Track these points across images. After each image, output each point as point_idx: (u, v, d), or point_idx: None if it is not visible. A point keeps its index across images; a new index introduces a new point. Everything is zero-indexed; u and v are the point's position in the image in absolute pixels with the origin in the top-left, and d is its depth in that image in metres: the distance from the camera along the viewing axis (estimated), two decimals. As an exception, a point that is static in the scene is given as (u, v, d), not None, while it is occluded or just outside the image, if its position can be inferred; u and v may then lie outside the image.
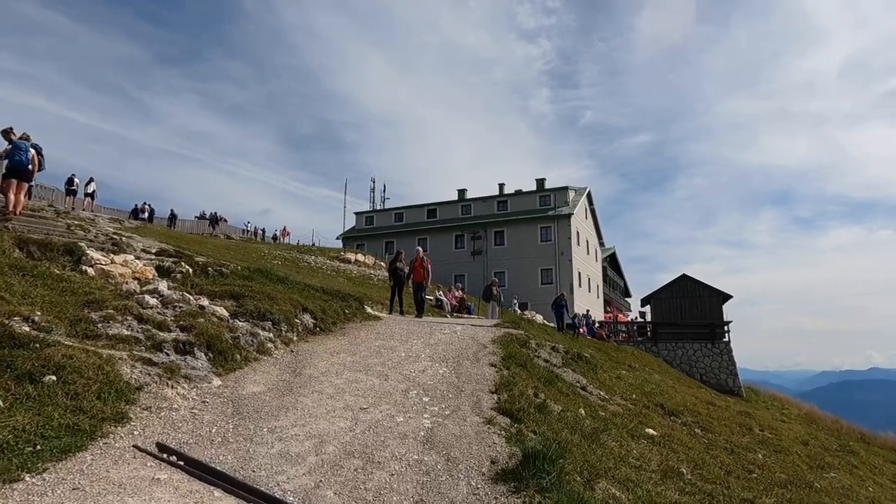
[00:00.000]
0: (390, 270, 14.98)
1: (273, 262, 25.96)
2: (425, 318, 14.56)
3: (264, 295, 9.25)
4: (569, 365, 10.77)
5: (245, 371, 6.52)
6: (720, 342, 31.31)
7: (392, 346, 8.72)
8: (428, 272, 14.93)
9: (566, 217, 46.78)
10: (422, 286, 14.69)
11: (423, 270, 14.78)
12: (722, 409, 11.97)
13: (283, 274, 15.12)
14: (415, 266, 14.74)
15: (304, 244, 44.75)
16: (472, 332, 11.30)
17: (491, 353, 8.51)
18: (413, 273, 14.76)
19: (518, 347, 10.25)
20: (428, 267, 14.99)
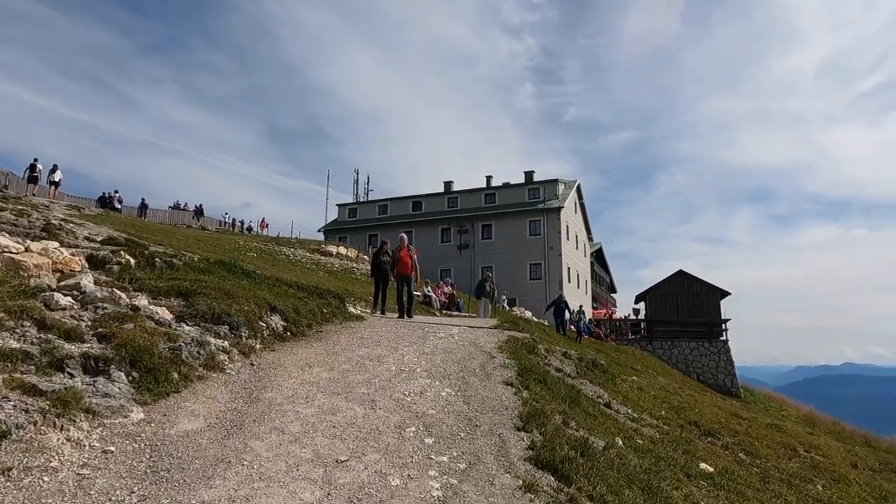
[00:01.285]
0: (374, 265, 12.81)
1: (247, 255, 24.10)
2: (415, 319, 12.89)
3: (222, 292, 7.52)
4: (584, 375, 9.22)
5: (182, 396, 4.83)
6: (718, 341, 30.13)
7: (379, 356, 7.07)
8: (415, 264, 12.58)
9: (556, 211, 45.33)
10: (408, 280, 12.28)
11: (410, 261, 12.46)
12: (752, 424, 10.53)
13: (252, 267, 13.36)
14: (399, 256, 12.37)
15: (283, 236, 42.76)
16: (472, 335, 9.69)
17: (501, 365, 6.89)
18: (397, 265, 12.44)
19: (527, 355, 8.66)
20: (415, 257, 12.61)
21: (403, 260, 12.35)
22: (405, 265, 12.40)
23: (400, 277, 12.39)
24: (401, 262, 12.36)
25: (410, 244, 12.88)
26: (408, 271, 12.35)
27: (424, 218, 49.49)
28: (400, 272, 12.40)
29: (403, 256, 12.36)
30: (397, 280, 12.39)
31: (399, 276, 12.42)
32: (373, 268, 12.92)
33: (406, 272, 12.36)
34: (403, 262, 12.40)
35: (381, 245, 13.18)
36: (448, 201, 50.75)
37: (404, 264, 12.41)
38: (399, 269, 12.42)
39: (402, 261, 12.37)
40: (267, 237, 39.03)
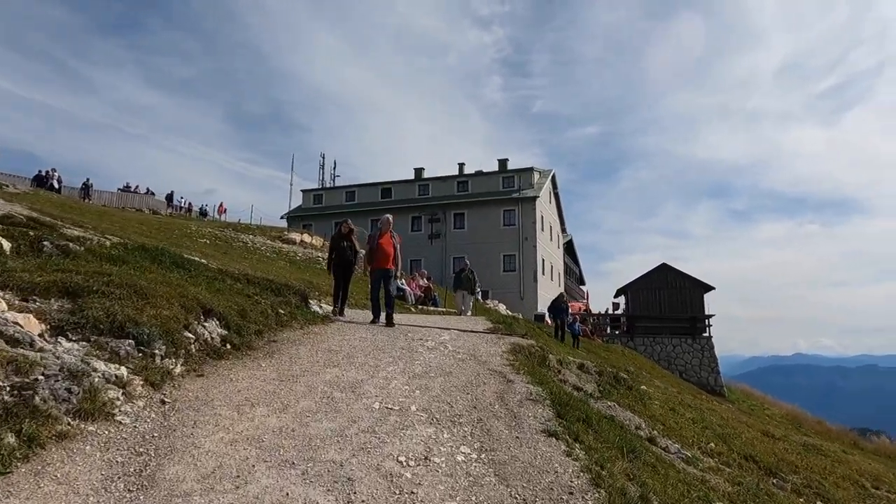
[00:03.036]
0: (332, 253, 10.02)
1: (198, 241, 21.59)
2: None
3: (131, 290, 5.34)
4: (610, 394, 7.37)
5: (19, 479, 2.70)
6: (701, 337, 28.95)
7: (354, 383, 5.03)
8: (398, 255, 9.65)
9: (531, 200, 43.66)
10: (388, 276, 9.41)
11: (394, 252, 9.56)
12: (789, 445, 8.89)
13: (197, 256, 11.08)
14: (378, 244, 9.43)
15: (243, 223, 39.94)
16: (469, 344, 7.71)
17: (527, 396, 4.91)
18: (376, 255, 9.45)
19: (543, 371, 6.75)
20: (398, 247, 9.72)
21: (384, 249, 9.38)
22: (385, 256, 9.42)
23: (378, 272, 9.46)
24: (380, 251, 9.40)
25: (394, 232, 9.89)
26: (388, 265, 9.44)
27: (394, 205, 47.13)
28: (378, 265, 9.46)
29: (384, 244, 9.40)
30: (373, 276, 9.51)
31: (377, 271, 9.48)
32: (330, 256, 10.15)
33: (386, 266, 9.43)
34: (384, 251, 9.41)
35: (342, 227, 10.30)
36: (419, 188, 48.56)
37: (384, 255, 9.41)
38: (377, 260, 9.47)
39: (382, 250, 9.40)
40: (225, 223, 36.24)
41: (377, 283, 9.53)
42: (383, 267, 9.46)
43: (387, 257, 9.47)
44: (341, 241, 10.06)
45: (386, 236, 9.58)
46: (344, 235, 10.12)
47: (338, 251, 10.00)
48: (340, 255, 9.93)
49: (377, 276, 9.53)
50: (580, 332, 18.20)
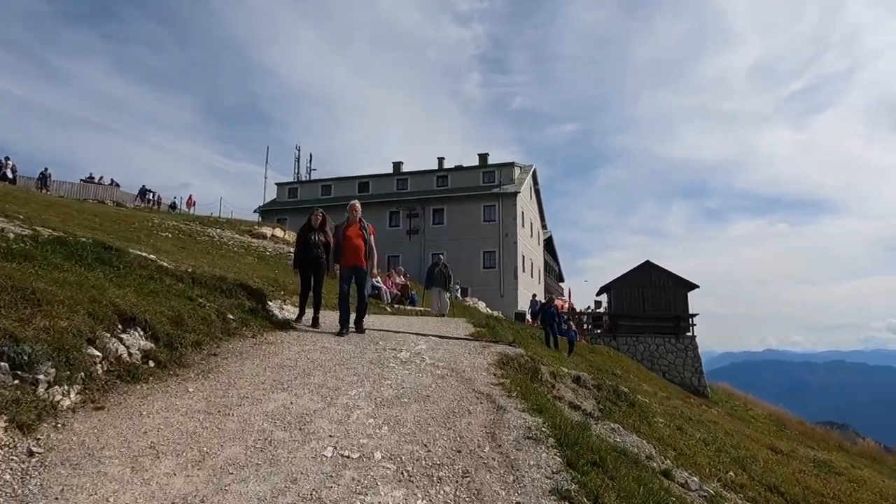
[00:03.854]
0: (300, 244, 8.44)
1: (159, 235, 20.15)
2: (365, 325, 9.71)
3: (18, 295, 4.16)
4: (611, 413, 6.39)
5: None
6: (685, 337, 28.32)
7: (303, 415, 3.93)
8: (371, 249, 8.14)
9: (512, 195, 42.75)
10: (359, 274, 7.91)
11: (365, 245, 7.99)
12: (801, 464, 8.03)
13: (135, 251, 9.82)
14: (345, 236, 7.93)
15: (216, 216, 38.28)
16: (449, 355, 6.65)
17: (524, 434, 3.83)
18: (343, 250, 7.91)
19: (536, 388, 5.73)
20: (371, 239, 8.19)
21: (352, 242, 7.84)
22: (354, 251, 7.84)
23: (347, 271, 7.94)
24: (347, 245, 7.83)
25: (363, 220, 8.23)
26: (359, 261, 7.88)
27: (372, 200, 45.85)
28: (346, 262, 7.90)
29: (352, 237, 7.87)
30: (341, 275, 7.99)
31: (344, 270, 7.96)
32: (297, 251, 8.55)
33: (356, 262, 7.88)
34: (352, 245, 7.84)
35: (312, 217, 8.53)
36: (397, 183, 47.35)
37: (353, 249, 7.84)
38: (345, 256, 7.88)
39: (351, 243, 7.84)
40: (192, 216, 34.60)
41: (346, 282, 7.90)
42: (352, 264, 7.90)
43: (356, 252, 7.88)
44: (310, 234, 8.32)
45: (354, 227, 8.02)
46: (314, 226, 8.42)
47: (305, 245, 8.29)
48: (309, 251, 8.25)
49: (345, 275, 7.95)
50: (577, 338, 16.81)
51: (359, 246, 7.92)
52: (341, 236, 7.98)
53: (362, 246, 7.96)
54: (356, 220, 8.09)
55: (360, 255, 7.91)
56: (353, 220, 8.06)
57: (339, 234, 8.02)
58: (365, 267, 7.99)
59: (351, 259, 7.92)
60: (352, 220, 8.06)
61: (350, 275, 7.98)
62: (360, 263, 7.96)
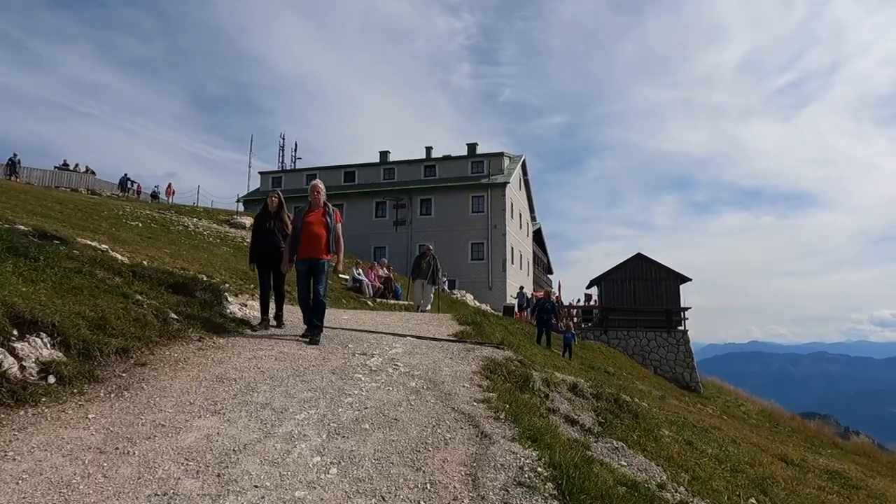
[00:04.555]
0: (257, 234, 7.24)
1: (129, 224, 19.08)
2: (337, 317, 8.77)
3: None
4: (612, 428, 5.56)
5: None
6: (676, 331, 27.70)
7: (227, 455, 3.01)
8: (337, 237, 6.78)
9: (501, 186, 41.88)
10: (317, 269, 6.62)
11: (327, 231, 6.68)
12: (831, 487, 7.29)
13: (96, 243, 8.84)
14: (306, 223, 6.71)
15: (191, 205, 37.02)
16: (427, 361, 5.78)
17: (515, 477, 2.98)
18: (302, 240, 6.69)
19: (527, 399, 4.88)
20: (337, 227, 6.82)
21: (312, 231, 6.59)
22: (314, 240, 6.59)
23: (304, 265, 6.67)
24: (307, 234, 6.59)
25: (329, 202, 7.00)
26: (317, 253, 6.59)
27: (358, 190, 44.84)
28: (303, 254, 6.65)
29: (314, 224, 6.62)
30: (299, 269, 6.74)
31: (301, 263, 6.70)
32: (253, 243, 7.28)
33: (313, 254, 6.60)
34: (312, 234, 6.59)
35: (267, 201, 7.41)
36: (384, 172, 46.26)
37: (312, 239, 6.59)
38: (303, 247, 6.63)
39: (311, 232, 6.60)
40: (169, 205, 33.37)
41: (304, 279, 6.68)
42: (308, 256, 6.60)
43: (315, 242, 6.57)
44: (267, 222, 7.14)
45: (316, 212, 6.69)
46: (271, 213, 7.22)
47: (262, 235, 7.11)
48: (266, 242, 7.06)
49: (302, 270, 6.67)
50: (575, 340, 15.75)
51: (319, 235, 6.62)
52: (300, 223, 6.68)
53: (324, 235, 6.63)
54: (319, 204, 6.78)
55: (319, 245, 6.62)
56: (315, 205, 6.75)
57: (298, 221, 6.72)
58: (324, 259, 6.64)
59: (308, 250, 6.62)
60: (314, 205, 6.75)
61: (306, 269, 6.67)
62: (319, 255, 6.63)
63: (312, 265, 6.65)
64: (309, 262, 6.67)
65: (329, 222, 6.71)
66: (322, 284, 6.60)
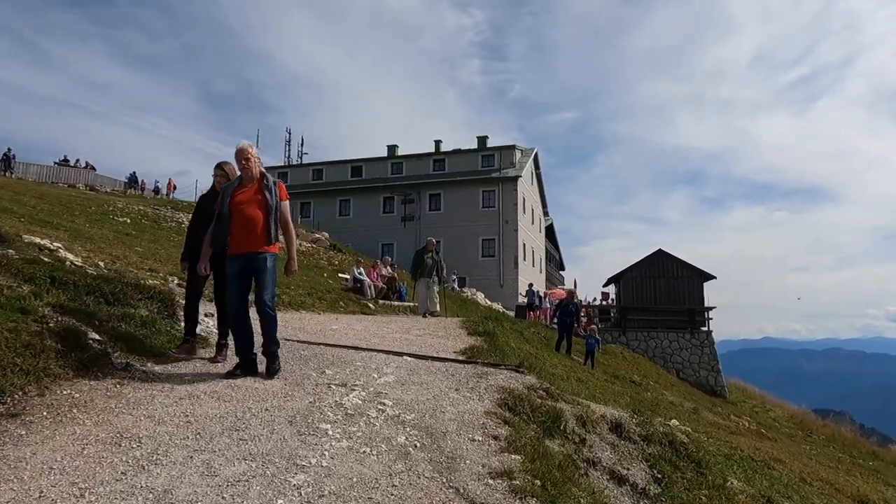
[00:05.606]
0: (195, 227, 5.29)
1: (116, 220, 17.85)
2: (307, 349, 7.35)
3: None
4: (673, 487, 4.15)
5: None
6: (700, 332, 26.10)
7: None
8: (283, 218, 4.69)
9: (512, 180, 40.36)
10: (257, 267, 4.56)
11: (266, 213, 4.55)
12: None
13: (28, 238, 7.53)
14: (234, 204, 4.57)
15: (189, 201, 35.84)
16: (426, 397, 4.37)
17: None
18: (232, 224, 4.59)
19: (556, 449, 3.46)
20: (283, 206, 4.72)
21: (245, 213, 4.55)
22: (251, 226, 4.55)
23: (235, 263, 4.62)
24: (238, 217, 4.56)
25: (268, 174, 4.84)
26: (255, 245, 4.55)
27: (365, 185, 43.52)
28: (235, 248, 4.61)
29: (244, 204, 4.56)
30: (230, 271, 4.64)
31: (232, 261, 4.63)
32: (189, 234, 5.36)
33: (253, 246, 4.56)
34: (244, 218, 4.55)
35: (216, 178, 5.23)
36: (392, 167, 44.90)
37: (246, 225, 4.56)
38: (234, 238, 4.60)
39: (242, 214, 4.55)
40: (166, 200, 32.21)
41: (235, 284, 4.61)
42: (243, 251, 4.54)
43: (252, 228, 4.52)
44: (213, 205, 4.86)
45: (249, 189, 4.60)
46: (216, 196, 4.98)
47: (205, 224, 4.94)
48: (193, 236, 5.19)
49: (233, 271, 4.61)
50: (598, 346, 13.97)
51: (254, 218, 4.51)
52: (227, 205, 4.57)
53: (261, 218, 4.52)
54: (254, 175, 4.63)
55: (256, 233, 4.50)
56: (248, 177, 4.62)
57: (225, 203, 4.58)
58: (266, 253, 4.53)
59: (241, 242, 4.53)
60: (246, 177, 4.62)
61: (238, 270, 4.56)
62: (257, 248, 4.51)
63: (249, 263, 4.54)
64: (243, 260, 4.54)
65: (269, 199, 4.57)
66: (268, 290, 4.56)
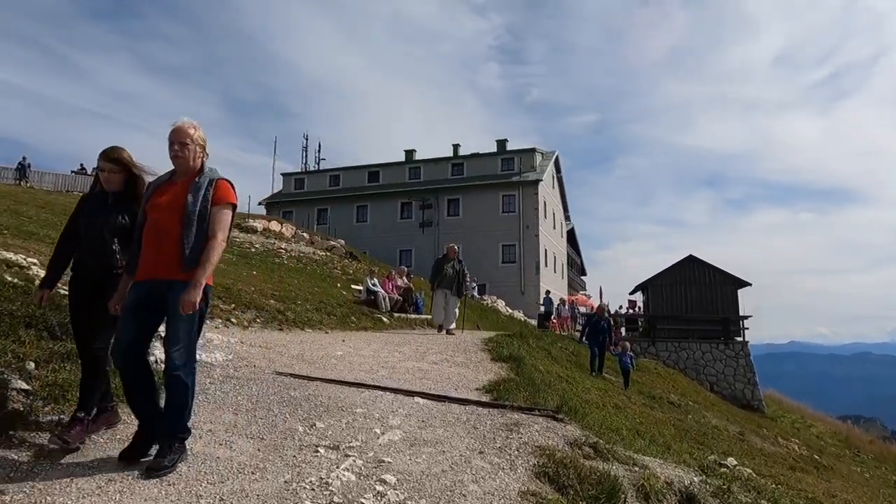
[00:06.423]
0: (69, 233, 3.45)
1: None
2: (296, 388, 6.37)
3: None
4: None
5: None
6: (735, 342, 24.68)
7: None
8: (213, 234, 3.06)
9: (533, 184, 39.23)
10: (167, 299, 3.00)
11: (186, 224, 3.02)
12: None
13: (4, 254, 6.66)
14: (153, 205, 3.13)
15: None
16: (440, 470, 3.35)
17: None
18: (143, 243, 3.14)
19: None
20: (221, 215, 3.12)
21: (159, 223, 3.06)
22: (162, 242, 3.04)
23: (138, 288, 3.08)
24: (149, 227, 3.12)
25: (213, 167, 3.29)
26: (170, 268, 3.03)
27: (382, 190, 42.70)
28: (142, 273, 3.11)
29: (161, 207, 3.08)
30: (128, 303, 3.07)
31: (136, 287, 3.10)
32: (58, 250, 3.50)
33: (162, 272, 3.03)
34: (158, 229, 3.06)
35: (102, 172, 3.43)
36: (410, 172, 44.01)
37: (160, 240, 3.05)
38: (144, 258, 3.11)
39: (155, 224, 3.08)
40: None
41: (132, 319, 3.04)
42: (151, 277, 3.06)
43: (163, 245, 3.04)
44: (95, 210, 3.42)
45: (173, 189, 3.15)
46: (109, 195, 3.44)
47: (80, 236, 3.41)
48: (86, 248, 3.38)
49: (130, 303, 3.06)
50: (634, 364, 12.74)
51: (167, 230, 3.05)
52: (142, 213, 3.20)
53: (177, 232, 3.03)
54: (189, 166, 3.19)
55: (166, 251, 3.04)
56: (183, 169, 3.20)
57: (141, 209, 3.22)
58: (180, 282, 2.99)
59: (149, 264, 3.08)
60: (179, 172, 3.22)
61: (139, 303, 3.06)
62: (169, 274, 3.03)
63: (156, 295, 3.04)
64: (148, 289, 3.05)
65: (195, 204, 3.06)
66: (181, 344, 2.99)
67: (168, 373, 3.02)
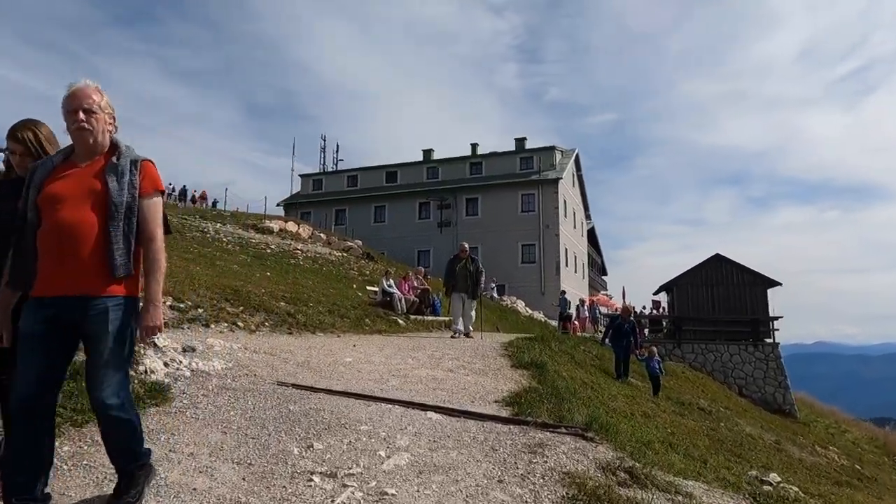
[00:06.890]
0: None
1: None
2: (297, 400, 5.94)
3: None
4: None
5: None
6: (765, 344, 23.78)
7: None
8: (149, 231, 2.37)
9: (553, 182, 38.54)
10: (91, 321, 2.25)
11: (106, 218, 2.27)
12: None
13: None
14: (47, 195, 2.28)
15: (221, 209, 35.28)
16: (454, 500, 2.84)
17: None
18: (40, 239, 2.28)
19: None
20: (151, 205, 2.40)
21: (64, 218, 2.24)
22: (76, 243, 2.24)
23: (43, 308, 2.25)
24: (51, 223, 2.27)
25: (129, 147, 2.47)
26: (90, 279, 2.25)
27: (400, 190, 42.34)
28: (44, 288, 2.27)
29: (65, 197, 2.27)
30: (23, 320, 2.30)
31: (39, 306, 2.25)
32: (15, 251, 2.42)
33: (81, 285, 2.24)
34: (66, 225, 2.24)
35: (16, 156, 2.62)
36: (427, 171, 43.57)
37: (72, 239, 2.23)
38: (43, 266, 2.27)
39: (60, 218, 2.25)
40: (195, 209, 31.66)
41: (39, 347, 2.23)
42: (59, 293, 2.25)
43: (74, 246, 2.24)
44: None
45: (77, 173, 2.35)
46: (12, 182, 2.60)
47: None
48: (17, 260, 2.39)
49: (38, 329, 2.24)
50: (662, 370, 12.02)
51: (82, 226, 2.25)
52: (32, 205, 2.32)
53: (95, 226, 2.26)
54: (96, 148, 2.39)
55: (84, 256, 2.24)
56: (84, 150, 2.38)
57: (29, 201, 2.33)
58: (107, 298, 2.27)
59: (55, 275, 2.26)
60: (80, 151, 2.39)
61: (47, 327, 2.25)
62: (92, 289, 2.26)
63: (70, 315, 2.28)
64: (57, 308, 2.26)
65: (112, 192, 2.31)
66: (112, 376, 2.30)
67: (100, 412, 2.32)
